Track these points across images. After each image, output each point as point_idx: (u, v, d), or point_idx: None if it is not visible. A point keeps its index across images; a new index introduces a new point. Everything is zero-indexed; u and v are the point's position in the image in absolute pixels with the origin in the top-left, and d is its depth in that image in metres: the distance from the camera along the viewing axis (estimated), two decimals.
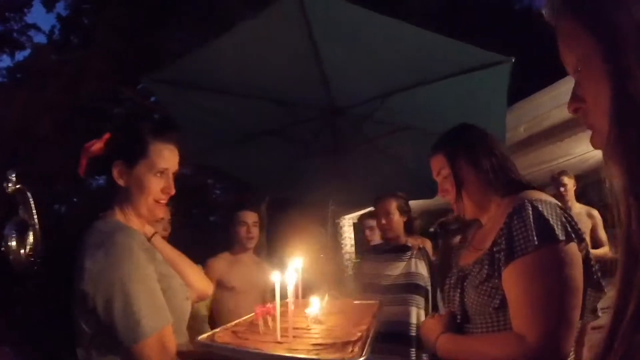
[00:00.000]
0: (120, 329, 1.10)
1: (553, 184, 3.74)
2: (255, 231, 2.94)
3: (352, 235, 6.86)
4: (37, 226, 1.42)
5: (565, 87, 3.59)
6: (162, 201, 1.35)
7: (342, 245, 6.62)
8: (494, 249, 1.18)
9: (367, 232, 3.74)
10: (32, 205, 1.41)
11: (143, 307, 1.13)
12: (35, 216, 1.42)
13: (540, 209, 1.14)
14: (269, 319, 1.26)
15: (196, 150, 3.35)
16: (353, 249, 6.76)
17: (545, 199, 1.19)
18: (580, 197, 4.08)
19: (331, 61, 2.53)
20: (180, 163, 1.42)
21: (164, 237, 2.51)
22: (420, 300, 2.52)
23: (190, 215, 11.09)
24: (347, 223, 6.75)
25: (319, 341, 1.11)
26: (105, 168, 1.33)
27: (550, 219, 1.11)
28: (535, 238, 1.08)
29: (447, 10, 10.07)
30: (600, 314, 1.24)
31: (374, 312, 1.45)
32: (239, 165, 3.71)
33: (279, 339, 1.12)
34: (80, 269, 1.15)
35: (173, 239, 2.27)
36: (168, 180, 1.35)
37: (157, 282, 1.21)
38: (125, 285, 1.12)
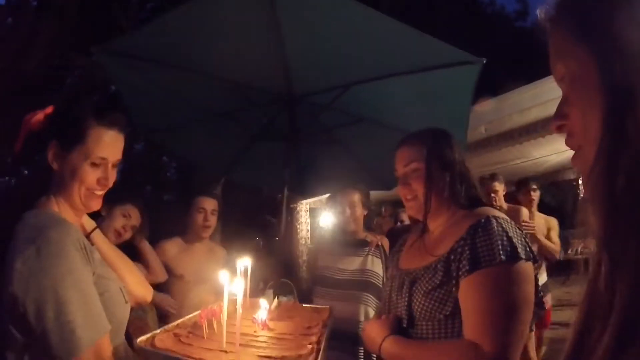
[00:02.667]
0: (53, 340, 0.98)
1: (482, 187, 3.66)
2: (213, 220, 2.73)
3: (309, 220, 6.84)
4: None
5: (526, 94, 3.66)
6: (96, 192, 1.22)
7: (299, 230, 6.58)
8: (451, 257, 1.19)
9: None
10: None
11: (78, 315, 1.00)
12: None
13: (505, 226, 1.18)
14: (214, 321, 1.19)
15: (146, 128, 3.16)
16: (309, 234, 6.74)
17: (505, 218, 1.23)
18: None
19: (293, 46, 2.39)
20: (125, 150, 1.29)
21: (125, 242, 2.43)
22: (372, 299, 2.42)
23: (143, 192, 10.67)
24: (304, 208, 6.71)
25: (267, 353, 1.04)
26: (42, 147, 1.18)
27: (514, 238, 1.16)
28: (500, 253, 1.12)
29: (417, 8, 9.98)
30: (533, 328, 1.28)
31: (324, 320, 1.39)
32: (189, 147, 3.53)
33: (224, 347, 1.05)
34: (9, 268, 1.00)
35: None
36: (106, 171, 1.21)
37: (93, 286, 1.09)
38: (58, 291, 1.00)
